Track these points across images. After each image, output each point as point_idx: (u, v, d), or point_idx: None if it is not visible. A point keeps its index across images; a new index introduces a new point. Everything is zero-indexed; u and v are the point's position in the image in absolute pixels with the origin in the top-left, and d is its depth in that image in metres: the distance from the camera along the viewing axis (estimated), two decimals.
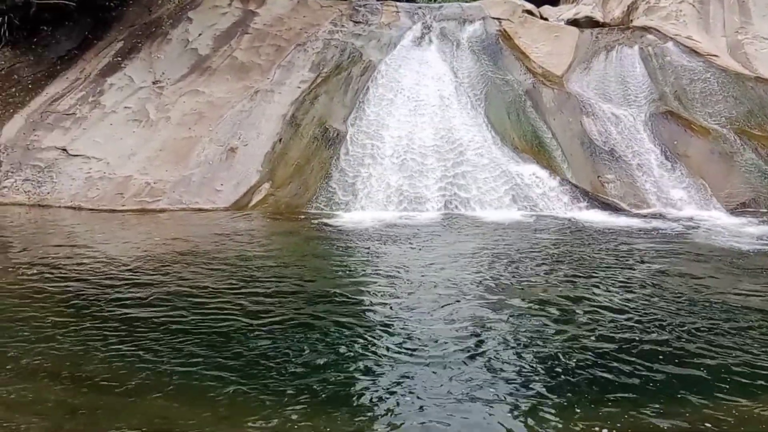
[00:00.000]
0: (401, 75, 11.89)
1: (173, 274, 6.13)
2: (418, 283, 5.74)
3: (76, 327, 4.67)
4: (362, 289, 5.60)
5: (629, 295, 5.31)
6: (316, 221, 8.97)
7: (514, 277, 5.94)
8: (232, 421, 3.31)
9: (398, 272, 6.12)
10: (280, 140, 10.93)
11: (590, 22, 14.56)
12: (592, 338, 4.36)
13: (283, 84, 11.89)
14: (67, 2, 12.46)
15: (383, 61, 12.14)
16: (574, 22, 14.65)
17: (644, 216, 9.36)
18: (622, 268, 6.27)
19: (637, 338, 4.35)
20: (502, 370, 3.91)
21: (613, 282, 5.71)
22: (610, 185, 10.29)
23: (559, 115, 11.34)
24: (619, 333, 4.45)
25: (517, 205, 9.73)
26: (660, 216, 9.35)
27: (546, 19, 14.76)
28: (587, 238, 7.79)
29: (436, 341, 4.32)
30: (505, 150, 10.61)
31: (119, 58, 12.52)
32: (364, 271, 6.26)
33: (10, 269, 6.29)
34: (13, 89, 12.13)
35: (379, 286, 5.66)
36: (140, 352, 4.18)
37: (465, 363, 4.00)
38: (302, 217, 9.35)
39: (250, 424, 3.28)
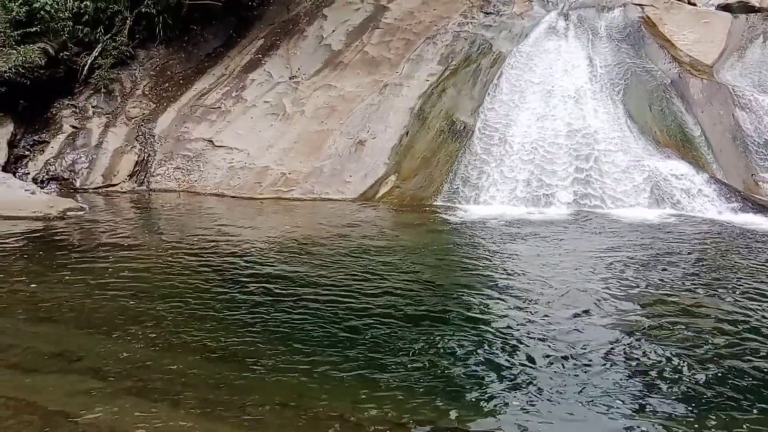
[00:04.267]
0: (533, 66, 11.52)
1: (304, 259, 6.42)
2: (545, 285, 5.53)
3: (216, 304, 5.04)
4: (485, 287, 5.50)
5: None
6: (440, 214, 8.97)
7: (651, 285, 5.53)
8: (361, 404, 3.40)
9: (525, 272, 5.94)
10: (407, 133, 11.02)
11: (745, 7, 13.23)
12: (732, 358, 3.95)
13: (411, 77, 11.97)
14: (214, 2, 13.39)
15: (514, 52, 11.81)
16: (725, 7, 13.41)
17: None
18: None
19: None
20: (628, 382, 3.68)
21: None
22: (766, 185, 9.31)
23: (707, 107, 10.44)
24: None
25: (656, 203, 9.09)
26: None
27: (694, 5, 13.63)
28: (738, 244, 7.11)
29: (560, 347, 4.15)
30: (644, 144, 9.95)
31: (260, 55, 13.26)
32: (488, 268, 6.15)
33: (162, 249, 6.90)
34: (167, 84, 13.26)
35: (504, 285, 5.53)
36: (273, 332, 4.42)
37: (590, 371, 3.82)
38: (427, 209, 9.39)
39: (375, 408, 3.35)
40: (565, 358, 3.98)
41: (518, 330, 4.46)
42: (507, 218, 8.55)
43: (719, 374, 3.72)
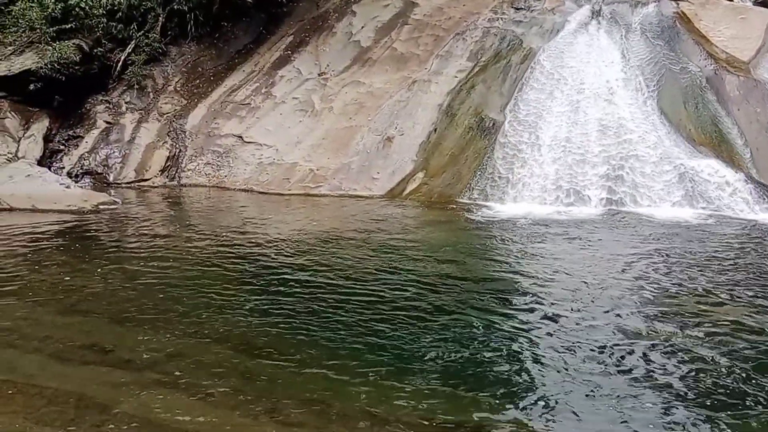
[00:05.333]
0: (564, 62, 11.35)
1: (332, 254, 6.44)
2: (574, 286, 5.44)
3: (246, 296, 5.09)
4: (514, 286, 5.45)
5: None
6: (467, 212, 8.91)
7: (684, 288, 5.40)
8: (390, 399, 3.40)
9: (553, 273, 5.86)
10: (435, 130, 10.97)
11: None
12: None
13: (440, 74, 11.91)
14: None
15: (544, 48, 11.66)
16: (762, 3, 13.07)
17: None
18: None
19: None
20: (654, 388, 3.60)
21: None
22: None
23: (744, 105, 10.18)
24: None
25: (690, 202, 8.90)
26: None
27: (731, 0, 13.28)
28: None
29: (592, 350, 4.09)
30: (678, 141, 9.74)
31: (289, 52, 13.33)
32: (516, 268, 6.09)
33: (192, 243, 6.99)
34: (198, 81, 13.41)
35: (531, 286, 5.45)
36: (301, 325, 4.45)
37: (623, 375, 3.76)
38: (454, 207, 9.33)
39: (404, 404, 3.35)
40: (597, 360, 3.92)
41: (550, 330, 4.41)
42: (535, 217, 8.46)
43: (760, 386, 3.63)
